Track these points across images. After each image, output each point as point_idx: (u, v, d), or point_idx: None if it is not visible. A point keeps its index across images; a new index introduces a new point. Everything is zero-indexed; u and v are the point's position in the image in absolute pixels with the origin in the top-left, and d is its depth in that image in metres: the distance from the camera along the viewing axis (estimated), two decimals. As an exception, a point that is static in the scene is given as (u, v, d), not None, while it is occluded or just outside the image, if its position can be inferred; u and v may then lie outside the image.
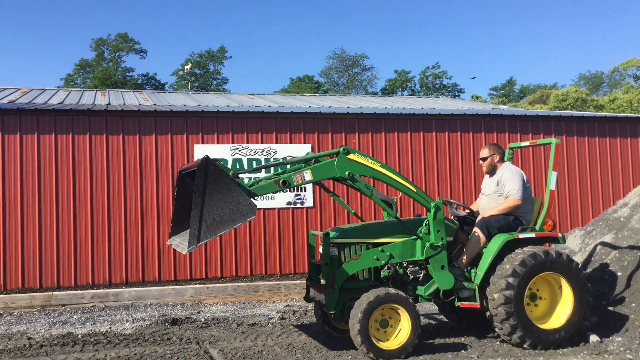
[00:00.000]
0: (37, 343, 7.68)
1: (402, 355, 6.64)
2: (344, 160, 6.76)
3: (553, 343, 7.02)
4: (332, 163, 6.76)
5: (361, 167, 6.86)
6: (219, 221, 6.13)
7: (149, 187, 12.11)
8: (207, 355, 6.94)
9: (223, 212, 6.14)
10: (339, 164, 6.75)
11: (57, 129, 11.78)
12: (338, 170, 6.76)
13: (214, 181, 6.13)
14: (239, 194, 6.21)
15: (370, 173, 6.94)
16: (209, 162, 6.16)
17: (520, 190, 7.36)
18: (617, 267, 8.59)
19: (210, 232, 6.11)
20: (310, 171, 6.67)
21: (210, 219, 6.10)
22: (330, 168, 6.76)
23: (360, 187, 7.06)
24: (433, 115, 13.94)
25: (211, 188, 6.11)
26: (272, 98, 20.07)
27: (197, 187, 6.10)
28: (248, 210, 6.19)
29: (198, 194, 6.08)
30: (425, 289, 7.23)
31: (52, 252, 11.54)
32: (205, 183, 6.09)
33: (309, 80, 63.56)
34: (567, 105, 37.25)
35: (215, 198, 6.12)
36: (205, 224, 6.08)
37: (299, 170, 6.68)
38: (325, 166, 6.75)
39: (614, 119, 14.93)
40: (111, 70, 59.83)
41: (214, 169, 6.16)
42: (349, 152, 6.78)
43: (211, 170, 6.13)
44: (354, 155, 6.81)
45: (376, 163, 6.96)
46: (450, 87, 65.11)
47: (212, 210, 6.11)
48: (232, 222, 6.17)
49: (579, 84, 61.85)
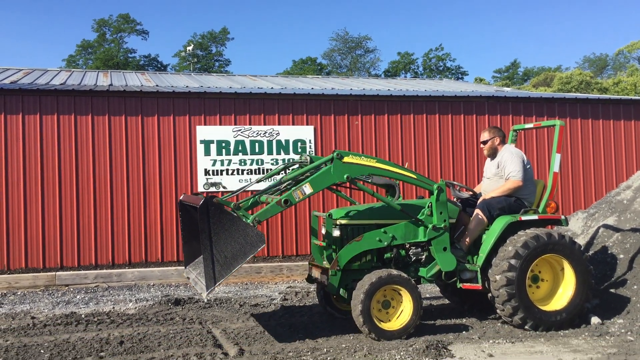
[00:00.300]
0: (40, 322, 7.73)
1: (403, 335, 6.67)
2: (340, 165, 6.73)
3: (554, 325, 7.04)
4: (329, 171, 6.72)
5: (358, 168, 6.83)
6: (231, 258, 6.22)
7: (151, 168, 12.11)
8: (210, 335, 6.98)
9: (233, 248, 6.22)
10: (335, 170, 6.72)
11: (60, 110, 11.75)
12: (336, 176, 6.74)
13: (218, 220, 6.19)
14: (244, 227, 6.28)
15: (368, 171, 6.92)
16: (209, 204, 6.20)
17: (521, 172, 7.35)
18: (620, 249, 8.59)
19: (225, 270, 6.20)
20: (309, 184, 6.66)
21: (222, 258, 6.19)
22: (327, 176, 6.74)
23: (360, 186, 7.07)
24: (436, 97, 13.88)
25: (216, 228, 6.17)
26: (275, 80, 20.00)
27: (202, 229, 6.18)
28: (257, 240, 6.28)
29: (205, 236, 6.16)
30: (427, 270, 7.24)
31: (55, 233, 11.57)
32: (209, 224, 6.15)
33: (311, 62, 63.28)
34: (571, 88, 37.06)
35: (223, 236, 6.19)
36: (219, 264, 6.18)
37: (298, 186, 6.68)
38: (322, 175, 6.72)
39: (617, 101, 14.85)
40: (113, 52, 59.61)
41: (215, 209, 6.20)
42: (342, 156, 6.75)
43: (212, 210, 6.18)
44: (348, 158, 6.78)
45: (371, 159, 6.94)
46: (454, 69, 64.80)
47: (222, 249, 6.19)
48: (244, 255, 6.27)
49: (584, 66, 61.50)
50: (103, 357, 6.19)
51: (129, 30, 61.51)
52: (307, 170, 6.95)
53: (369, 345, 6.46)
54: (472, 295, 7.97)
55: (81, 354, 6.30)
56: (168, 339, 6.83)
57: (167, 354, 6.22)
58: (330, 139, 13.02)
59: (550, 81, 43.41)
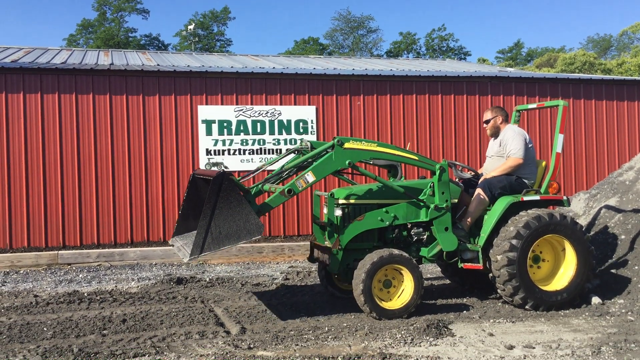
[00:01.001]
0: (43, 301, 7.77)
1: (404, 315, 6.71)
2: (341, 151, 6.72)
3: (555, 305, 7.07)
4: (330, 158, 6.71)
5: (359, 153, 6.82)
6: (224, 235, 6.23)
7: (152, 148, 12.09)
8: (212, 314, 7.02)
9: (230, 227, 6.23)
10: (336, 156, 6.71)
11: (61, 89, 11.71)
12: (338, 162, 6.73)
13: (226, 196, 6.21)
14: (248, 212, 6.29)
15: (369, 155, 6.92)
16: (225, 177, 6.24)
17: (522, 150, 7.34)
18: (621, 230, 8.60)
19: (214, 245, 6.20)
20: (311, 172, 6.67)
21: (216, 232, 6.19)
22: (329, 163, 6.73)
23: (362, 171, 7.07)
24: (439, 77, 13.80)
25: (222, 202, 6.19)
26: (277, 59, 19.88)
27: (208, 198, 6.19)
28: (255, 229, 6.30)
29: (209, 205, 6.18)
30: (428, 250, 7.26)
31: (57, 212, 11.60)
32: (217, 196, 6.17)
33: (313, 42, 62.86)
34: (575, 68, 36.85)
35: (225, 213, 6.21)
36: (211, 236, 6.18)
37: (301, 175, 6.68)
38: (324, 163, 6.72)
39: (621, 81, 14.77)
40: (113, 31, 59.23)
41: (228, 184, 6.24)
42: (343, 142, 6.73)
43: (225, 185, 6.21)
44: (349, 143, 6.77)
45: (372, 144, 6.92)
46: (457, 49, 64.38)
47: (219, 224, 6.20)
48: (237, 238, 6.28)
49: (587, 47, 61.06)
50: (106, 335, 6.24)
51: (130, 10, 61.06)
52: (309, 157, 6.92)
53: (370, 324, 6.50)
54: (473, 275, 8.00)
55: (84, 332, 6.34)
56: (170, 317, 6.87)
57: (170, 332, 6.26)
58: (332, 119, 12.98)
59: (553, 62, 43.16)
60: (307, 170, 6.70)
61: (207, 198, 6.20)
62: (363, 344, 5.81)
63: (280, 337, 6.06)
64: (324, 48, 62.48)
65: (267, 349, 5.69)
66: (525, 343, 5.82)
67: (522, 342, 5.87)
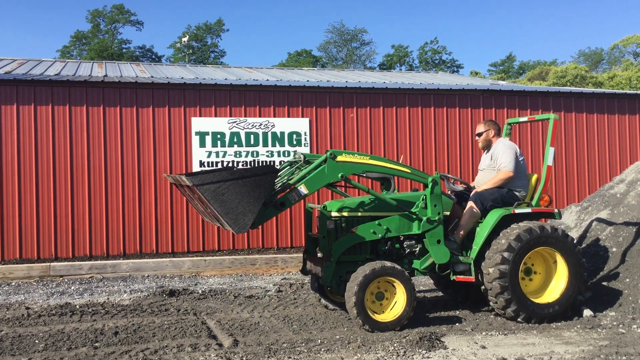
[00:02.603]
0: (35, 313, 7.73)
1: (397, 327, 6.71)
2: (334, 164, 6.76)
3: (547, 317, 7.09)
4: (323, 170, 6.75)
5: (352, 166, 6.86)
6: (222, 200, 6.17)
7: (146, 160, 12.09)
8: (205, 326, 7.00)
9: (231, 201, 6.18)
10: (329, 169, 6.75)
11: (54, 100, 11.72)
12: (330, 175, 6.77)
13: (258, 184, 6.24)
14: (252, 211, 6.25)
15: (362, 168, 6.96)
16: (272, 172, 6.45)
17: (512, 163, 7.39)
18: (612, 242, 8.65)
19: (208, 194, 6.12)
20: (304, 185, 6.70)
21: (221, 191, 6.14)
22: (322, 176, 6.76)
23: (354, 184, 7.09)
24: (432, 90, 13.89)
25: (250, 183, 6.21)
26: (270, 72, 19.96)
27: (248, 169, 6.31)
28: (240, 225, 6.22)
29: (241, 172, 6.23)
30: (421, 262, 7.27)
31: (49, 224, 11.56)
32: (253, 177, 6.21)
33: (307, 54, 63.10)
34: (566, 82, 37.11)
35: (243, 190, 6.19)
36: (216, 188, 6.13)
37: (294, 188, 6.71)
38: (317, 176, 6.75)
39: (612, 95, 14.90)
40: (107, 43, 59.34)
41: (269, 179, 6.35)
42: (336, 156, 6.77)
43: (266, 177, 6.31)
44: (341, 156, 6.81)
45: (365, 157, 6.97)
46: (449, 62, 64.78)
47: (230, 189, 6.17)
48: (224, 212, 6.19)
49: (579, 60, 61.52)
50: (98, 348, 6.21)
51: (124, 21, 61.25)
52: (305, 172, 6.90)
53: (363, 336, 6.50)
54: (465, 287, 8.01)
55: (76, 344, 6.31)
56: (162, 329, 6.85)
57: (162, 345, 6.24)
58: (326, 132, 13.02)
59: (545, 75, 43.45)
60: (300, 183, 6.73)
61: (247, 169, 6.29)
62: (356, 356, 5.81)
63: (273, 349, 6.05)
64: (317, 60, 62.71)
65: (260, 361, 5.67)
66: (518, 356, 5.83)
67: (514, 354, 5.88)
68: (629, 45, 55.48)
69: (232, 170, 6.30)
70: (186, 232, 12.19)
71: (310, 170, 6.84)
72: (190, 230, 12.21)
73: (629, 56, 55.67)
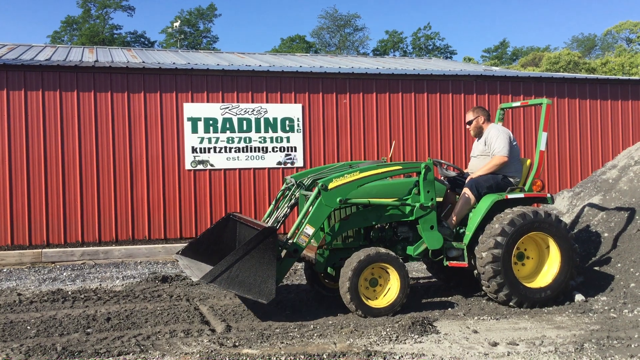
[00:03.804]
0: (27, 299, 7.70)
1: (390, 313, 6.73)
2: (328, 194, 6.76)
3: (539, 302, 7.13)
4: (321, 204, 6.75)
5: (345, 187, 6.85)
6: (238, 281, 6.28)
7: (137, 146, 12.01)
8: (197, 312, 7.00)
9: (248, 277, 6.30)
10: (326, 199, 6.76)
11: (45, 86, 11.60)
12: (329, 205, 6.78)
13: (264, 251, 6.30)
14: (270, 276, 6.36)
15: (355, 185, 6.93)
16: (273, 234, 6.38)
17: (506, 148, 7.39)
18: (604, 228, 8.69)
19: (225, 283, 6.26)
20: (309, 225, 6.73)
21: (234, 274, 6.26)
22: (322, 209, 6.77)
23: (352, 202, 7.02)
24: (425, 75, 13.84)
25: (257, 254, 6.29)
26: (263, 57, 19.84)
27: (248, 242, 6.31)
28: (265, 294, 6.35)
29: (244, 248, 6.28)
30: (414, 248, 7.28)
31: (41, 210, 11.49)
32: (256, 247, 6.28)
33: (300, 40, 62.82)
34: (559, 68, 37.12)
35: (253, 263, 6.30)
36: (228, 274, 6.24)
37: (300, 230, 6.75)
38: (317, 211, 6.76)
39: (605, 81, 14.90)
40: (98, 28, 58.81)
41: (272, 241, 6.35)
42: (327, 185, 6.77)
43: (269, 241, 6.32)
44: (332, 183, 6.81)
45: (354, 173, 6.94)
46: (443, 48, 64.65)
47: (242, 269, 6.27)
48: (247, 291, 6.32)
49: (572, 46, 61.53)
50: (90, 334, 6.20)
51: (115, 6, 60.66)
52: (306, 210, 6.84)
53: (356, 322, 6.52)
54: (458, 273, 8.05)
55: (68, 331, 6.29)
56: (155, 315, 6.84)
57: (154, 331, 6.24)
58: (319, 117, 12.97)
59: (538, 61, 43.44)
60: (305, 223, 6.73)
61: (247, 242, 6.30)
62: (348, 341, 5.82)
63: (266, 335, 6.06)
64: (310, 46, 62.45)
65: (253, 346, 5.68)
66: (509, 340, 5.86)
67: (505, 339, 5.91)
68: (622, 32, 55.50)
69: (234, 251, 6.35)
70: (179, 218, 12.15)
71: (309, 207, 6.80)
72: (183, 217, 12.17)
73: (622, 42, 55.70)
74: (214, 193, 12.34)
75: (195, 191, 12.25)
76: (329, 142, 13.02)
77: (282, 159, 12.71)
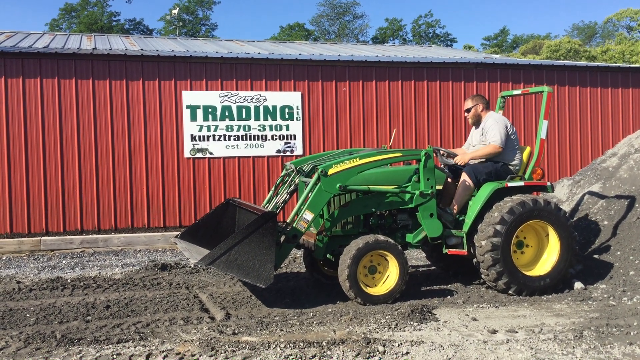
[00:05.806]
0: (26, 287, 7.70)
1: (389, 300, 6.73)
2: (327, 180, 6.72)
3: (538, 290, 7.13)
4: (321, 189, 6.71)
5: (345, 173, 6.81)
6: (237, 264, 6.24)
7: (136, 133, 11.98)
8: (197, 300, 7.00)
9: (246, 261, 6.26)
10: (325, 185, 6.71)
11: (43, 73, 11.55)
12: (329, 191, 6.74)
13: (263, 235, 6.26)
14: (269, 260, 6.31)
15: (355, 171, 6.89)
16: (272, 218, 6.33)
17: (502, 137, 7.35)
18: (604, 216, 8.68)
19: (223, 266, 6.22)
20: (308, 210, 6.68)
21: (233, 257, 6.22)
22: (321, 195, 6.73)
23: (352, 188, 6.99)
24: (425, 63, 13.78)
25: (256, 238, 6.25)
26: (262, 45, 19.75)
27: (248, 227, 6.27)
28: (264, 278, 6.30)
29: (244, 232, 6.24)
30: (413, 236, 7.27)
31: (40, 198, 11.48)
32: (255, 231, 6.24)
33: (299, 28, 62.51)
34: (560, 56, 36.97)
35: (252, 247, 6.26)
36: (227, 257, 6.20)
37: (299, 216, 6.69)
38: (316, 197, 6.71)
39: (605, 68, 14.85)
40: (97, 15, 58.48)
41: (272, 225, 6.30)
42: (327, 171, 6.73)
43: (268, 225, 6.28)
44: (332, 169, 6.77)
45: (355, 159, 6.90)
46: (443, 36, 64.38)
47: (241, 252, 6.23)
48: (245, 275, 6.28)
49: (572, 34, 61.34)
50: (89, 321, 6.20)
51: (113, -7, 60.27)
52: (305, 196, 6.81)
53: (355, 309, 6.52)
54: (457, 260, 8.04)
55: (67, 318, 6.30)
56: (155, 303, 6.84)
57: (154, 318, 6.24)
58: (318, 105, 12.93)
59: (539, 49, 43.28)
60: (304, 209, 6.70)
61: (247, 226, 6.27)
62: (347, 329, 5.82)
63: (265, 322, 6.06)
64: (309, 34, 62.20)
65: (252, 334, 5.68)
66: (508, 327, 5.86)
67: (505, 326, 5.91)
68: (623, 19, 55.24)
69: (234, 234, 6.33)
70: (178, 206, 12.14)
71: (308, 193, 6.78)
72: (182, 205, 12.17)
73: (622, 30, 55.48)
74: (213, 181, 12.32)
75: (195, 179, 12.23)
76: (328, 130, 12.99)
77: (282, 147, 12.68)
